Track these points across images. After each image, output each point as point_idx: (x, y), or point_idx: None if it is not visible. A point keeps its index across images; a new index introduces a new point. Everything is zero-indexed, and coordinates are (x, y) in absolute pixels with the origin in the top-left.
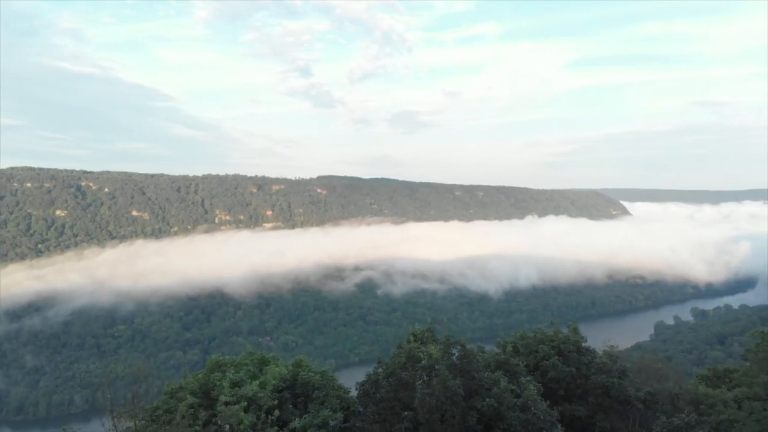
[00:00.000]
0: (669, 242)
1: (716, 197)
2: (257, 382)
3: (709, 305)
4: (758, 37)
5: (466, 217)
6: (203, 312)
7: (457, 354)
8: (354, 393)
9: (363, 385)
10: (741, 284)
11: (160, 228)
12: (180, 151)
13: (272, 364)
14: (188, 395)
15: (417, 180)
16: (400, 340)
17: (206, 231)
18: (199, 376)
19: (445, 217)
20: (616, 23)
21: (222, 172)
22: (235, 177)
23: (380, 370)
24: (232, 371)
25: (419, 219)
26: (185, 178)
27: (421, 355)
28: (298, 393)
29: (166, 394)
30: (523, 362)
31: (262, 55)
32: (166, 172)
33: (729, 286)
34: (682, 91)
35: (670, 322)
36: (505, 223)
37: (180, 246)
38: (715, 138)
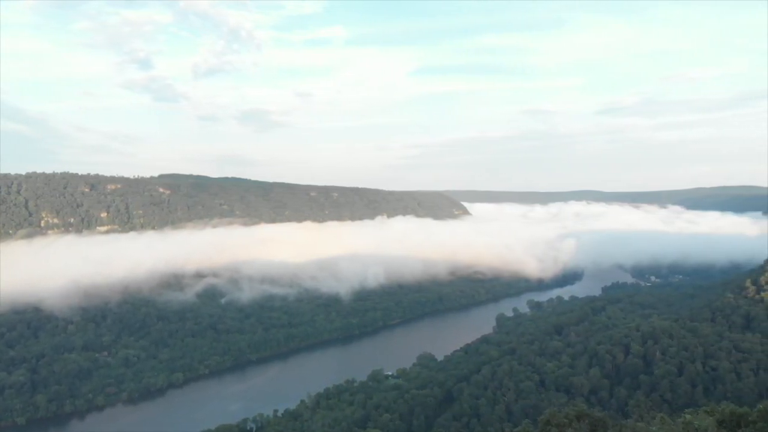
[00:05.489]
0: (505, 240)
1: (545, 198)
2: None
3: (542, 297)
4: (581, 51)
5: (321, 217)
6: (29, 327)
7: None
8: None
9: None
10: (569, 277)
11: None
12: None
13: None
14: None
15: (271, 180)
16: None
17: (29, 236)
18: None
19: (300, 218)
20: (455, 34)
21: (49, 170)
22: (65, 175)
23: None
24: None
25: (273, 220)
26: (5, 176)
27: None
28: None
29: None
30: None
31: (97, 44)
32: None
33: (558, 280)
34: (513, 100)
35: (510, 313)
36: (358, 223)
37: None
38: (543, 144)
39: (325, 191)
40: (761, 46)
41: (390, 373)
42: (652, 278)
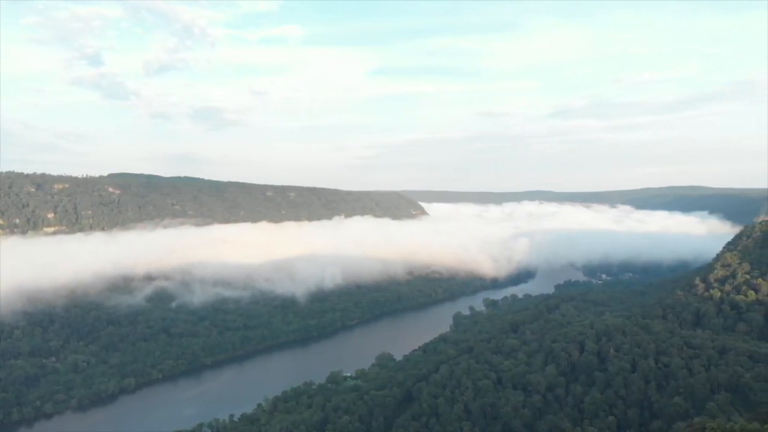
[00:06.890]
0: (461, 240)
1: (500, 198)
2: None
3: (497, 295)
4: (535, 54)
5: (278, 218)
6: None
7: None
8: None
9: None
10: (522, 276)
11: None
12: None
13: None
14: None
15: (225, 180)
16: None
17: None
18: None
19: (256, 218)
20: (412, 35)
21: None
22: (10, 175)
23: None
24: None
25: (228, 220)
26: None
27: None
28: None
29: None
30: None
31: (45, 40)
32: None
33: (512, 278)
34: (469, 102)
35: (467, 312)
36: (315, 223)
37: None
38: (498, 145)
39: (282, 191)
40: (708, 50)
41: (349, 375)
42: (604, 276)
